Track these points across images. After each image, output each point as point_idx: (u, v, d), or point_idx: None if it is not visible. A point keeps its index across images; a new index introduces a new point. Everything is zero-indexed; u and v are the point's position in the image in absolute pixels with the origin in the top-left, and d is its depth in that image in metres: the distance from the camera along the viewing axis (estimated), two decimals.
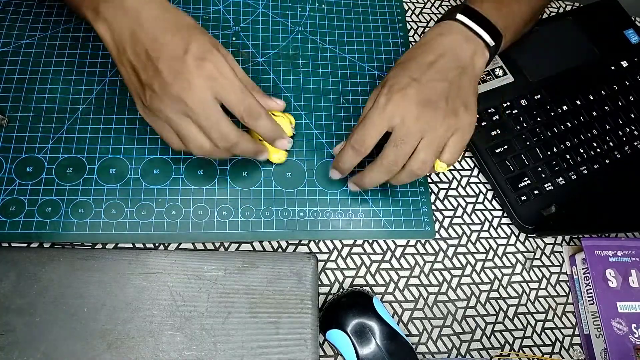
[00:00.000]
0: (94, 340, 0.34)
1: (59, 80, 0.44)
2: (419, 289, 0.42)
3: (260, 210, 0.42)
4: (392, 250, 0.43)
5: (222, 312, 0.36)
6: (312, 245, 0.42)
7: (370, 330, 0.37)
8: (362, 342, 0.36)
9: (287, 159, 0.44)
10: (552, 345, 0.42)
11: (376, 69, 0.49)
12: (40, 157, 0.41)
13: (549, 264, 0.45)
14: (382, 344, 0.36)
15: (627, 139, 0.48)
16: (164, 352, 0.35)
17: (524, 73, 0.50)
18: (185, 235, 0.40)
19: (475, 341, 0.41)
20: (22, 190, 0.40)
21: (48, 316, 0.35)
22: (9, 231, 0.38)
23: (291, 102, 0.46)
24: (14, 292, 0.35)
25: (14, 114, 0.42)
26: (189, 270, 0.37)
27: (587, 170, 0.46)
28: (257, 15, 0.50)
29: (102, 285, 0.36)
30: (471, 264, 0.43)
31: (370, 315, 0.37)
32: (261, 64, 0.48)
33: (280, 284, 0.38)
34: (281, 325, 0.36)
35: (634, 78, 0.52)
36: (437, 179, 0.46)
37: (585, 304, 0.42)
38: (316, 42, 0.50)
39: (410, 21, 0.53)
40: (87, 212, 0.40)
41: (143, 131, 0.43)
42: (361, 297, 0.39)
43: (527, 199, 0.44)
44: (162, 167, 0.42)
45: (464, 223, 0.45)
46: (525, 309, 0.43)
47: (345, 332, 0.37)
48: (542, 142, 0.47)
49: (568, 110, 0.49)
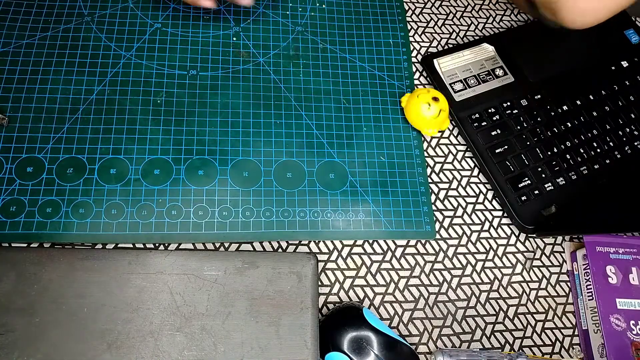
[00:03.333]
0: (94, 340, 0.34)
1: (60, 80, 0.44)
2: (419, 289, 0.42)
3: (260, 210, 0.42)
4: (392, 250, 0.43)
5: (222, 312, 0.36)
6: (312, 246, 0.42)
7: (367, 344, 0.36)
8: (362, 357, 0.36)
9: (287, 159, 0.44)
10: (552, 345, 0.42)
11: (376, 69, 0.49)
12: (41, 157, 0.41)
13: (549, 264, 0.45)
14: (381, 354, 0.36)
15: (627, 139, 0.49)
16: (164, 352, 0.35)
17: (524, 73, 0.50)
18: (186, 236, 0.40)
19: (475, 341, 0.41)
20: (23, 190, 0.40)
21: (48, 316, 0.35)
22: (10, 231, 0.38)
23: (291, 102, 0.46)
24: (14, 292, 0.35)
25: (15, 114, 0.42)
26: (189, 270, 0.37)
27: (587, 170, 0.46)
28: (258, 16, 0.50)
29: (102, 285, 0.36)
30: (471, 264, 0.43)
31: (363, 328, 0.37)
32: (261, 64, 0.48)
33: (281, 284, 0.38)
34: (281, 325, 0.36)
35: (634, 78, 0.52)
36: (438, 179, 0.46)
37: (585, 299, 0.42)
38: (316, 42, 0.50)
39: (410, 21, 0.53)
40: (87, 213, 0.40)
41: (144, 131, 0.43)
42: (350, 311, 0.38)
43: (527, 199, 0.44)
44: (163, 167, 0.42)
45: (464, 223, 0.45)
46: (525, 309, 0.43)
47: (342, 352, 0.36)
48: (542, 142, 0.47)
49: (568, 110, 0.49)
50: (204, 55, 0.47)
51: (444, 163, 0.47)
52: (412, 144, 0.46)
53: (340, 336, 0.37)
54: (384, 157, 0.45)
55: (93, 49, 0.46)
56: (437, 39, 0.53)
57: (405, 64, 0.50)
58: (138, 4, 0.49)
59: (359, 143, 0.46)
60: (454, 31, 0.53)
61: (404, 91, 0.49)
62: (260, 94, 0.46)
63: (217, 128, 0.44)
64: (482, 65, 0.50)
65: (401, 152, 0.46)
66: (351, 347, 0.36)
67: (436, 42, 0.52)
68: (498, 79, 0.49)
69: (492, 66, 0.50)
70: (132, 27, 0.47)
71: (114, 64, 0.46)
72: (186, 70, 0.46)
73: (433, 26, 0.53)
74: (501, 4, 0.56)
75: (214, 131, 0.44)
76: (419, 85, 0.50)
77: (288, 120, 0.46)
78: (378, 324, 0.37)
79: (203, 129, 0.44)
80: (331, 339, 0.37)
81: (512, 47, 0.51)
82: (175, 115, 0.44)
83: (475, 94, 0.48)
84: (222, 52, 0.48)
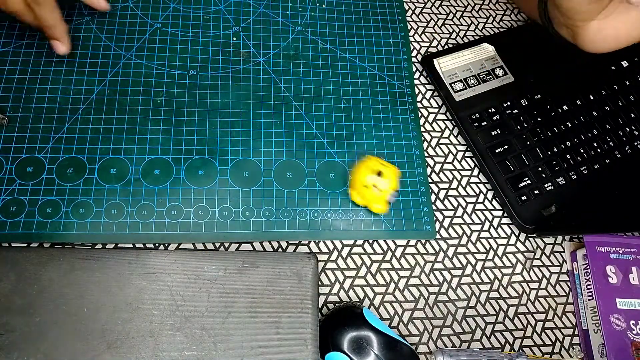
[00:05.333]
0: (94, 340, 0.34)
1: (60, 80, 0.44)
2: (419, 289, 0.42)
3: (260, 210, 0.42)
4: (392, 250, 0.43)
5: (222, 312, 0.36)
6: (313, 246, 0.42)
7: (367, 344, 0.36)
8: (362, 357, 0.36)
9: (287, 159, 0.44)
10: (552, 345, 0.42)
11: (376, 69, 0.49)
12: (41, 157, 0.41)
13: (549, 264, 0.45)
14: (381, 354, 0.36)
15: (627, 139, 0.49)
16: (164, 352, 0.35)
17: (524, 73, 0.50)
18: (186, 236, 0.40)
19: (475, 341, 0.41)
20: (23, 190, 0.40)
21: (48, 316, 0.35)
22: (10, 231, 0.38)
23: (292, 102, 0.46)
24: (14, 292, 0.35)
25: (15, 114, 0.42)
26: (189, 270, 0.37)
27: (587, 170, 0.46)
28: (258, 16, 0.50)
29: (102, 285, 0.36)
30: (471, 264, 0.43)
31: (363, 328, 0.37)
32: (262, 64, 0.48)
33: (281, 284, 0.38)
34: (281, 325, 0.36)
35: (634, 78, 0.52)
36: (438, 179, 0.46)
37: (585, 299, 0.42)
38: (317, 42, 0.50)
39: (410, 21, 0.53)
40: (87, 213, 0.40)
41: (144, 131, 0.43)
42: (350, 311, 0.38)
43: (527, 199, 0.44)
44: (163, 167, 0.42)
45: (464, 223, 0.45)
46: (525, 309, 0.43)
47: (342, 352, 0.36)
48: (542, 142, 0.47)
49: (568, 110, 0.49)
50: (204, 55, 0.47)
51: (444, 163, 0.47)
52: (412, 144, 0.46)
53: (340, 336, 0.37)
54: (384, 157, 0.45)
55: (93, 49, 0.46)
56: (437, 39, 0.53)
57: (405, 64, 0.50)
58: (138, 4, 0.49)
59: (359, 143, 0.46)
60: (454, 31, 0.53)
61: (404, 91, 0.49)
62: (260, 94, 0.46)
63: (217, 128, 0.44)
64: (482, 65, 0.50)
65: (401, 152, 0.46)
66: (351, 347, 0.36)
67: (436, 42, 0.52)
68: (498, 79, 0.49)
69: (492, 66, 0.50)
70: (132, 27, 0.47)
71: (114, 64, 0.46)
72: (186, 70, 0.46)
73: (433, 26, 0.53)
74: (501, 4, 0.56)
75: (214, 131, 0.44)
76: (419, 85, 0.50)
77: (288, 120, 0.46)
78: (378, 324, 0.37)
79: (203, 129, 0.44)
80: (331, 338, 0.37)
81: (512, 47, 0.51)
82: (175, 115, 0.44)
83: (475, 93, 0.48)
84: (222, 52, 0.48)
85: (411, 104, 0.48)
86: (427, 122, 0.49)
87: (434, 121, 0.49)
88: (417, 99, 0.49)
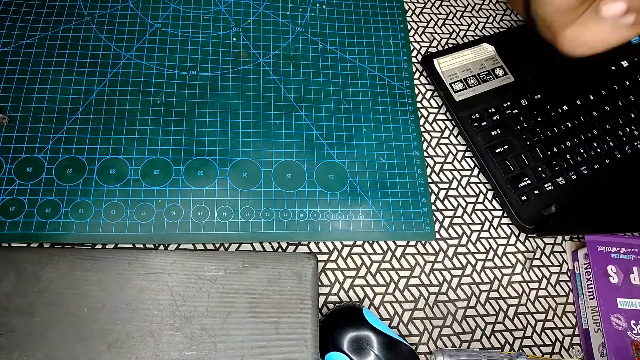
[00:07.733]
0: (94, 340, 0.34)
1: (59, 80, 0.44)
2: (419, 289, 0.42)
3: (260, 211, 0.42)
4: (392, 250, 0.43)
5: (222, 312, 0.36)
6: (312, 246, 0.42)
7: (367, 344, 0.36)
8: (362, 357, 0.36)
9: (287, 159, 0.44)
10: (552, 345, 0.42)
11: (376, 69, 0.49)
12: (40, 158, 0.41)
13: (549, 264, 0.45)
14: (381, 354, 0.36)
15: (627, 139, 0.48)
16: (164, 352, 0.35)
17: (524, 73, 0.50)
18: (185, 236, 0.40)
19: (475, 341, 0.41)
20: (22, 190, 0.40)
21: (48, 316, 0.35)
22: (9, 231, 0.38)
23: (291, 103, 0.46)
24: (14, 292, 0.35)
25: (14, 114, 0.42)
26: (189, 270, 0.37)
27: (587, 170, 0.46)
28: (258, 16, 0.50)
29: (102, 285, 0.36)
30: (471, 264, 0.43)
31: (363, 328, 0.37)
32: (261, 65, 0.48)
33: (281, 284, 0.38)
34: (281, 325, 0.36)
35: (634, 78, 0.52)
36: (437, 179, 0.46)
37: (586, 299, 0.42)
38: (317, 42, 0.50)
39: (410, 21, 0.53)
40: (86, 213, 0.40)
41: (143, 132, 0.43)
42: (351, 311, 0.38)
43: (527, 199, 0.44)
44: (162, 167, 0.42)
45: (464, 223, 0.45)
46: (525, 309, 0.43)
47: (342, 352, 0.36)
48: (542, 142, 0.47)
49: (568, 110, 0.49)
50: (203, 55, 0.47)
51: (444, 163, 0.47)
52: (412, 144, 0.46)
53: (340, 336, 0.37)
54: (384, 157, 0.45)
55: (93, 49, 0.46)
56: (437, 39, 0.53)
57: (406, 64, 0.50)
58: (138, 4, 0.49)
59: (359, 144, 0.46)
60: (454, 31, 0.53)
61: (404, 91, 0.49)
62: (260, 95, 0.46)
63: (217, 128, 0.44)
64: (482, 65, 0.50)
65: (401, 153, 0.46)
66: (351, 347, 0.36)
67: (436, 42, 0.52)
68: (498, 79, 0.49)
69: (492, 66, 0.50)
70: (132, 27, 0.47)
71: (114, 64, 0.46)
72: (186, 71, 0.46)
73: (433, 26, 0.53)
74: (501, 4, 0.56)
75: (214, 132, 0.44)
76: (419, 85, 0.50)
77: (288, 121, 0.46)
78: (378, 324, 0.37)
79: (203, 129, 0.44)
80: (331, 338, 0.37)
81: (512, 47, 0.51)
82: (175, 115, 0.44)
83: (475, 93, 0.48)
84: (222, 53, 0.48)
85: (411, 105, 0.48)
86: (427, 122, 0.49)
87: (434, 121, 0.49)
88: (417, 99, 0.49)
